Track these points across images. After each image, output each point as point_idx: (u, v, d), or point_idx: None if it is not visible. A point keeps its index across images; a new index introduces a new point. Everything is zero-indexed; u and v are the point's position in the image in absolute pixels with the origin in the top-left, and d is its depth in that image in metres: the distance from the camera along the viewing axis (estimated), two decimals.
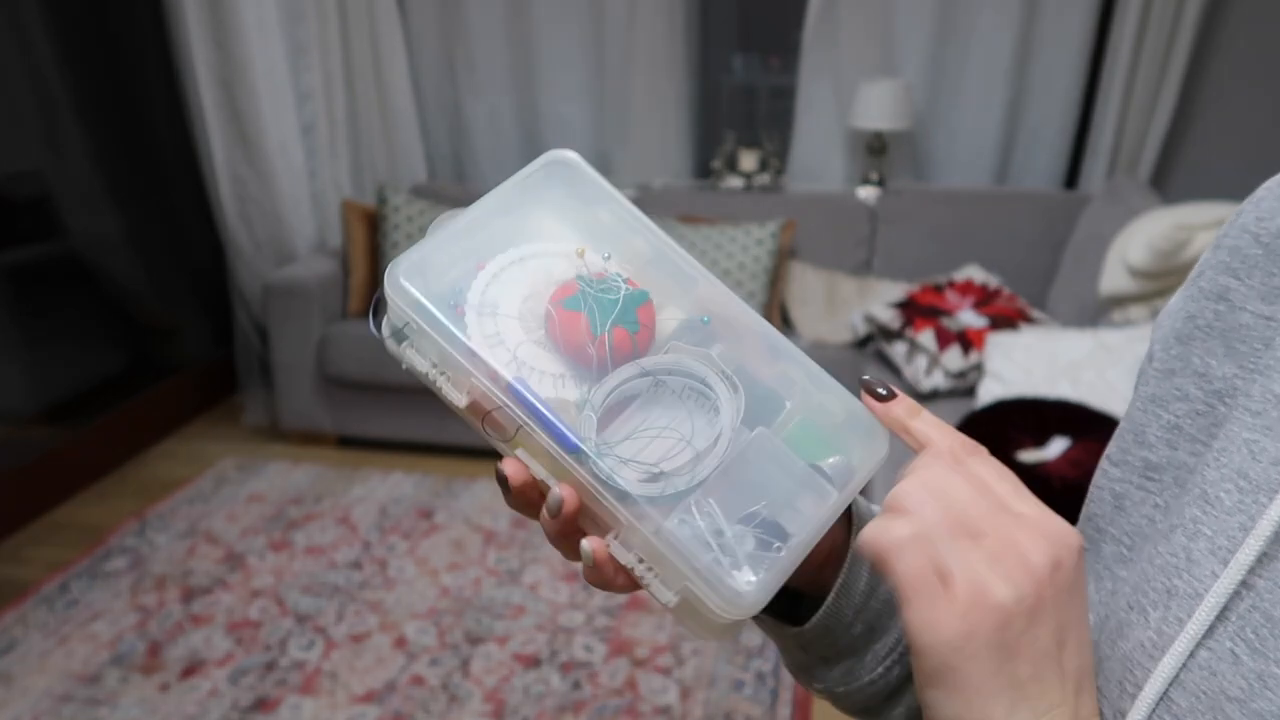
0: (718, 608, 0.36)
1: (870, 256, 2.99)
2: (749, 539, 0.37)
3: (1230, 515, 0.32)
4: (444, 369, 0.39)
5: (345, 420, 2.94)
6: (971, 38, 3.05)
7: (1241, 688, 0.29)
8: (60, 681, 1.93)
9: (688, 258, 0.43)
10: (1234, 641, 0.30)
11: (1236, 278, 0.37)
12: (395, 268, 0.39)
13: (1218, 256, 0.38)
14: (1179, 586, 0.33)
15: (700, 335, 0.41)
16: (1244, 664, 0.30)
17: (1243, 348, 0.35)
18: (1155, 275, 2.16)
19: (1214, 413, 0.36)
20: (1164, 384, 0.38)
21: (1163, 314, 0.41)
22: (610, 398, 0.39)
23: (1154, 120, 2.91)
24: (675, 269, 0.42)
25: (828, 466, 0.39)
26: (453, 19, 3.39)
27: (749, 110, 3.57)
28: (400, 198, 2.90)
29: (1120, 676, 0.34)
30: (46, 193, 2.70)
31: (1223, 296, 0.37)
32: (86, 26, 2.77)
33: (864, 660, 0.45)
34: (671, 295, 0.42)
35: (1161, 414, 0.38)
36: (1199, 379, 0.37)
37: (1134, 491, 0.38)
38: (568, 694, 1.89)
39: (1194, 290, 0.39)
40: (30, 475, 2.57)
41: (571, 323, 0.39)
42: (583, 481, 0.37)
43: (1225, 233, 0.38)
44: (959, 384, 2.31)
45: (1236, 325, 0.36)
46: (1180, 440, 0.37)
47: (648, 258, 0.43)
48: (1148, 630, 0.33)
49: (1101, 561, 0.39)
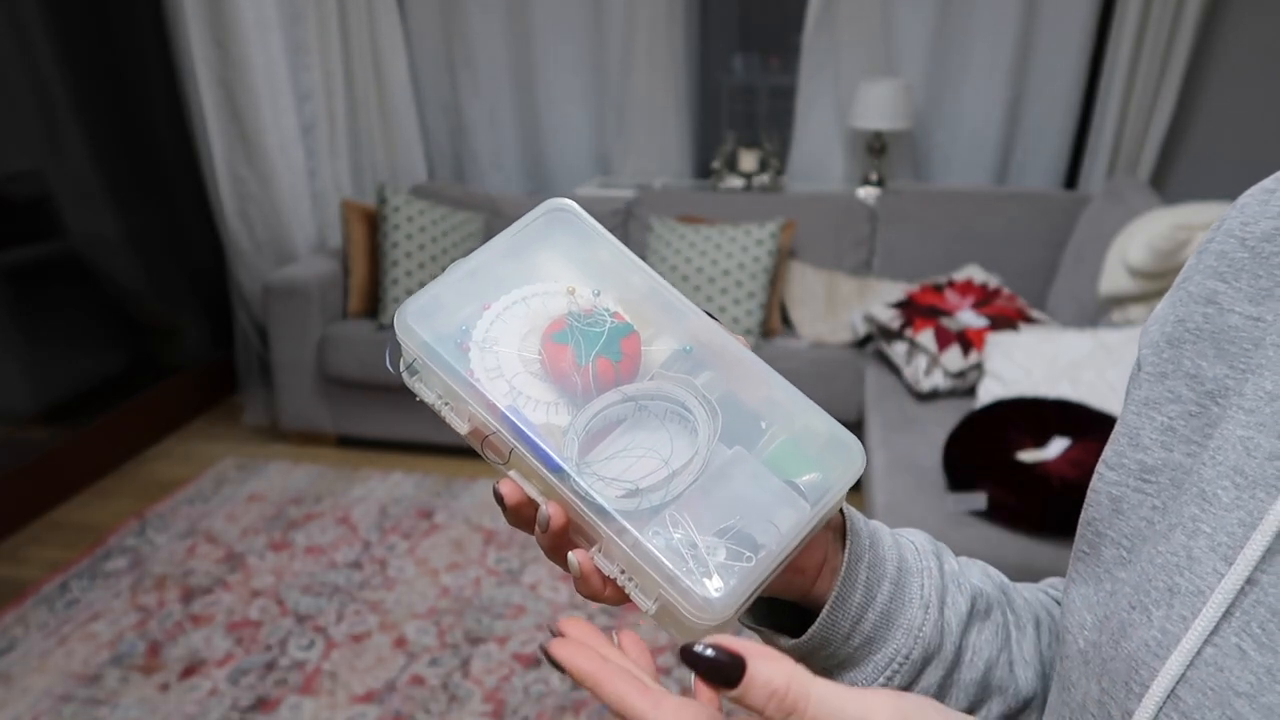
0: (691, 615, 0.38)
1: (870, 256, 2.99)
2: (721, 550, 0.39)
3: (1229, 512, 0.33)
4: (447, 399, 0.44)
5: (345, 420, 2.94)
6: (971, 38, 3.06)
7: (1250, 682, 0.29)
8: (60, 681, 1.93)
9: (679, 294, 0.47)
10: (1240, 637, 0.30)
11: (1224, 281, 0.37)
12: (404, 311, 0.44)
13: (1204, 262, 0.39)
14: (1181, 584, 0.33)
15: (689, 364, 0.44)
16: (1251, 659, 0.30)
17: (1233, 348, 0.36)
18: (1155, 275, 2.16)
19: (1207, 413, 0.36)
20: (1156, 387, 0.39)
21: (1150, 320, 0.41)
22: (594, 422, 0.42)
23: (1154, 120, 2.91)
24: (667, 304, 0.46)
25: (803, 483, 0.42)
26: (453, 19, 3.39)
27: (749, 110, 3.57)
28: (400, 198, 2.90)
29: (1126, 677, 0.34)
30: (46, 193, 2.70)
31: (1211, 300, 0.37)
32: (86, 26, 2.77)
33: (864, 671, 0.46)
34: (664, 328, 0.45)
35: (1155, 416, 0.38)
36: (1191, 381, 0.37)
37: (1131, 494, 0.39)
38: (568, 694, 1.89)
39: (1181, 295, 0.39)
40: (30, 475, 2.57)
41: (559, 354, 0.43)
42: (567, 498, 0.40)
43: (1210, 239, 0.39)
44: (959, 384, 2.31)
45: (1225, 327, 0.36)
46: (1175, 442, 0.37)
47: (642, 294, 0.46)
48: (1151, 629, 0.33)
49: (1102, 565, 0.39)
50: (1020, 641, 0.49)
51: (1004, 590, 0.50)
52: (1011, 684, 0.47)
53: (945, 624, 0.46)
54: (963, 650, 0.46)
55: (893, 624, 0.45)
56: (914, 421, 2.19)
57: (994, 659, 0.47)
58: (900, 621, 0.45)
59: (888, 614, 0.45)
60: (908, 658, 0.45)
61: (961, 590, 0.47)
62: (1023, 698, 0.48)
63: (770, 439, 0.43)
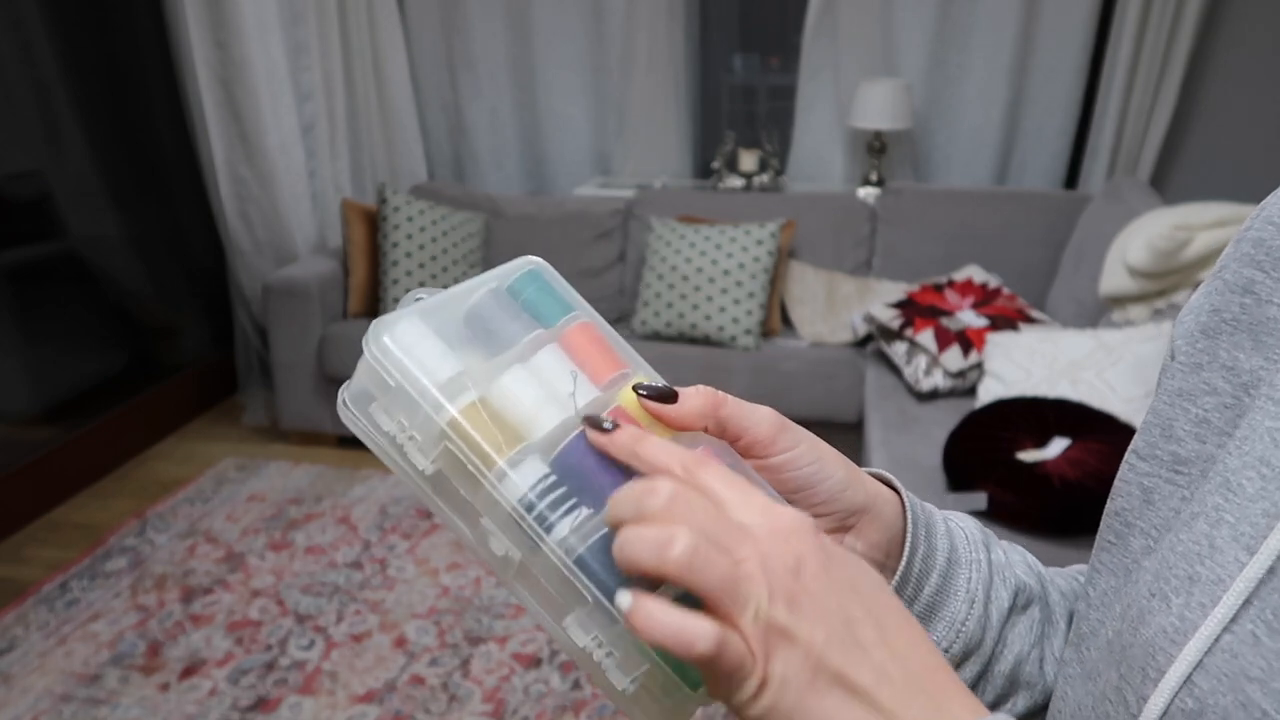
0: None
1: (870, 256, 2.99)
2: None
3: (1253, 502, 0.32)
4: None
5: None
6: (971, 38, 3.06)
7: (1261, 668, 0.30)
8: (60, 681, 1.93)
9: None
10: (1254, 624, 0.30)
11: (1262, 270, 0.37)
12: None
13: (1241, 249, 0.38)
14: (1201, 573, 0.33)
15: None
16: (1264, 645, 0.30)
17: (1270, 339, 0.35)
18: (1155, 275, 2.16)
19: (1241, 405, 0.36)
20: (1191, 378, 0.38)
21: (1184, 310, 0.41)
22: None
23: (1154, 120, 2.91)
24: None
25: None
26: (453, 19, 3.40)
27: (749, 110, 3.57)
28: (400, 198, 2.90)
29: (1143, 663, 0.34)
30: (46, 193, 2.70)
31: (1248, 289, 0.37)
32: (86, 26, 2.77)
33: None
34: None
35: (1190, 408, 0.38)
36: (1227, 372, 0.37)
37: (1163, 485, 0.38)
38: (568, 694, 1.89)
39: (1218, 284, 0.39)
40: (30, 475, 2.57)
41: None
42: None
43: (1249, 226, 0.38)
44: (959, 384, 2.31)
45: (1264, 318, 0.36)
46: (1209, 434, 0.37)
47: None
48: (1170, 616, 0.33)
49: (1130, 556, 0.39)
50: (1052, 637, 0.48)
51: (1042, 582, 0.50)
52: (1040, 680, 0.47)
53: (988, 619, 0.45)
54: (999, 644, 0.46)
55: (935, 616, 0.45)
56: (914, 421, 2.19)
57: (1025, 654, 0.47)
58: (943, 614, 0.45)
59: (931, 605, 0.45)
60: (946, 651, 0.44)
61: (1006, 584, 0.47)
62: (1050, 694, 0.47)
63: None
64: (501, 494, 0.37)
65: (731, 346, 2.74)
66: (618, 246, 3.07)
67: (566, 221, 3.04)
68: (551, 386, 0.41)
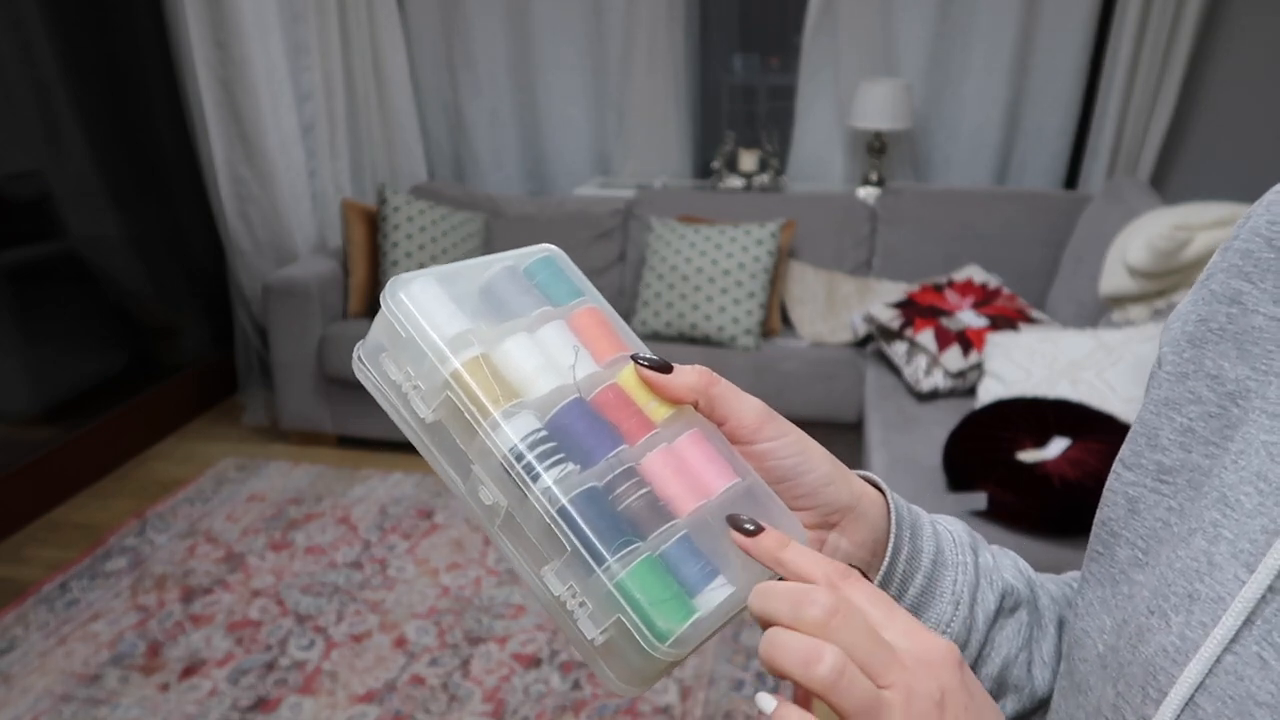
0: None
1: (870, 256, 2.98)
2: None
3: (1251, 518, 0.32)
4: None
5: (345, 420, 2.94)
6: (971, 38, 3.06)
7: (1271, 692, 0.29)
8: (60, 681, 1.93)
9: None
10: (1260, 646, 0.30)
11: (1249, 281, 0.36)
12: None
13: (1228, 259, 0.38)
14: (1201, 591, 0.33)
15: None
16: (1273, 668, 0.29)
17: (1256, 350, 0.35)
18: (1155, 275, 2.16)
19: (1227, 414, 0.36)
20: (1176, 387, 0.38)
21: (1172, 317, 0.41)
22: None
23: (1154, 120, 2.91)
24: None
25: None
26: (453, 19, 3.40)
27: (749, 110, 3.57)
28: (400, 198, 2.90)
29: (1143, 682, 0.33)
30: (46, 193, 2.70)
31: (1235, 300, 0.37)
32: (86, 26, 2.77)
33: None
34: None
35: (1175, 417, 0.38)
36: (1212, 381, 0.37)
37: (1148, 495, 0.38)
38: (568, 694, 1.89)
39: (1204, 293, 0.39)
40: (30, 475, 2.57)
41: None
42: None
43: (1236, 235, 0.38)
44: (959, 384, 2.31)
45: (1249, 328, 0.36)
46: (1194, 443, 0.37)
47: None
48: (1170, 635, 0.33)
49: (1117, 566, 0.39)
50: (1041, 642, 0.48)
51: (1031, 586, 0.50)
52: (1028, 684, 0.47)
53: (974, 621, 0.45)
54: (986, 646, 0.46)
55: (919, 617, 0.45)
56: (914, 421, 2.19)
57: (1012, 657, 0.47)
58: (928, 616, 0.45)
59: (916, 608, 0.45)
60: None
61: (993, 586, 0.47)
62: (1038, 698, 0.47)
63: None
64: (494, 441, 0.39)
65: (731, 346, 2.74)
66: (618, 246, 3.07)
67: (566, 221, 3.04)
68: (553, 357, 0.43)
